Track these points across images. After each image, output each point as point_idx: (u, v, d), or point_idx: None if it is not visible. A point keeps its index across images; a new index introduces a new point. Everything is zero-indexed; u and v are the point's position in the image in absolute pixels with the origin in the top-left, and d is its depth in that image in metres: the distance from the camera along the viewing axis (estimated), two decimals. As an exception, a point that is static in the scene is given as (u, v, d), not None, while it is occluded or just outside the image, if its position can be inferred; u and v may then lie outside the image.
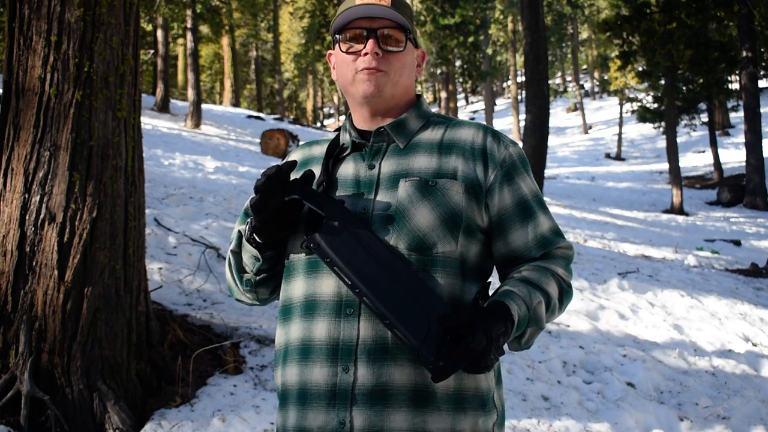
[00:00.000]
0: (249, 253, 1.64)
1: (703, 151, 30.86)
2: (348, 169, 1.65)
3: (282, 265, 1.68)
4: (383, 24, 1.61)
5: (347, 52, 1.63)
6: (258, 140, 20.88)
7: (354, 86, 1.63)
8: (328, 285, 1.54)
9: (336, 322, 1.52)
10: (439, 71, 35.96)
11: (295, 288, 1.60)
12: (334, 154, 1.68)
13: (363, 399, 1.48)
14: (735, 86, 26.23)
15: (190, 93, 23.49)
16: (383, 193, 1.58)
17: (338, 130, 1.74)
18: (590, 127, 42.28)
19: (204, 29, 29.43)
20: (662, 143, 32.35)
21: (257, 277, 1.67)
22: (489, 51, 43.45)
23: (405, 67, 1.65)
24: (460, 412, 1.52)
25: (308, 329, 1.55)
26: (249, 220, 1.63)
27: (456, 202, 1.57)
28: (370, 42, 1.59)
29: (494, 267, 1.71)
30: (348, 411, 1.49)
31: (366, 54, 1.60)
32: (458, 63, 36.51)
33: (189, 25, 23.77)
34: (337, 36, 1.65)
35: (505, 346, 1.49)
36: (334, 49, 1.69)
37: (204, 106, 29.41)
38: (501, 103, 56.22)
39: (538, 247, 1.63)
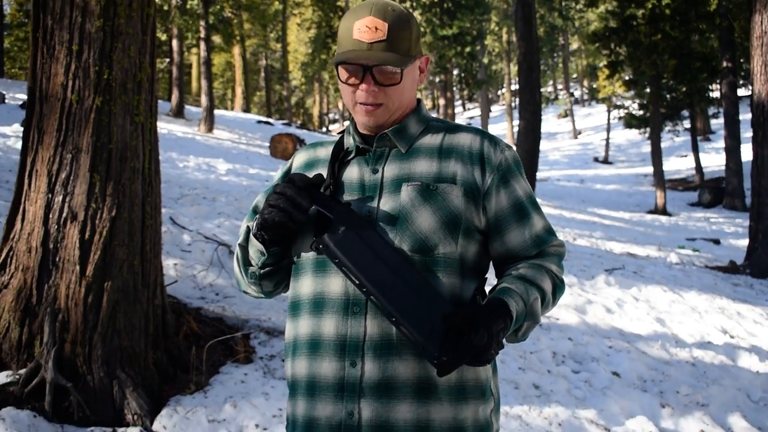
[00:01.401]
0: (255, 247, 1.63)
1: (686, 156, 30.83)
2: (353, 173, 1.63)
3: (286, 260, 1.67)
4: (378, 62, 1.54)
5: (346, 83, 1.60)
6: (267, 144, 20.89)
7: (355, 114, 1.62)
8: (335, 284, 1.54)
9: (344, 319, 1.52)
10: (437, 79, 35.92)
11: (304, 286, 1.60)
12: (339, 157, 1.66)
13: (370, 391, 1.49)
14: (716, 94, 26.21)
15: (204, 99, 23.51)
16: (387, 197, 1.57)
17: (341, 133, 1.73)
18: (580, 133, 42.26)
19: (216, 39, 29.46)
20: (647, 148, 32.29)
21: (261, 271, 1.66)
22: (485, 60, 43.39)
23: (404, 93, 1.61)
24: (462, 402, 1.53)
25: (317, 325, 1.55)
26: (257, 216, 1.61)
27: (456, 205, 1.56)
28: (366, 83, 1.55)
29: (490, 264, 1.71)
30: (356, 403, 1.49)
31: (363, 91, 1.56)
32: (456, 72, 36.49)
33: (202, 35, 23.78)
34: (338, 65, 1.60)
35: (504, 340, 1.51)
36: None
37: (216, 111, 29.39)
38: (496, 109, 56.15)
39: (534, 245, 1.63)
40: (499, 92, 60.75)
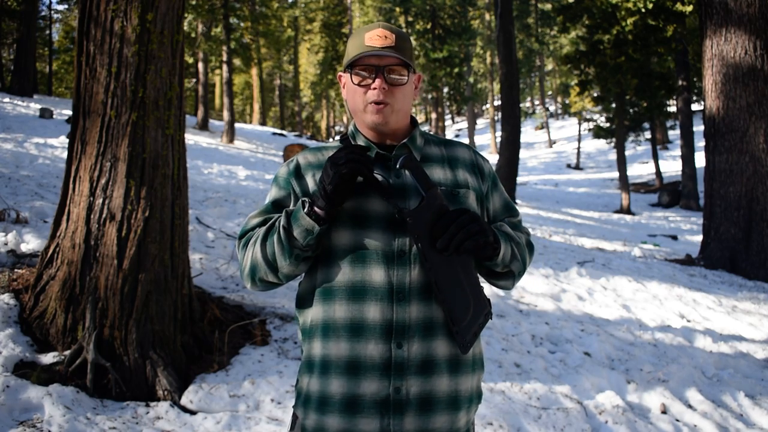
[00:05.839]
0: (303, 227, 1.49)
1: (647, 162, 30.83)
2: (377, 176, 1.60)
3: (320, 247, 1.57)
4: (389, 62, 1.57)
5: (359, 85, 1.59)
6: (281, 153, 20.88)
7: (364, 115, 1.59)
8: (377, 273, 1.50)
9: (389, 305, 1.49)
10: (430, 96, 35.97)
11: (340, 273, 1.53)
12: None
13: (416, 369, 1.49)
14: (673, 109, 26.21)
15: (225, 114, 23.51)
16: (416, 198, 1.56)
17: (343, 140, 1.66)
18: (554, 143, 42.22)
19: (237, 62, 29.45)
20: (613, 155, 32.33)
21: (306, 253, 1.53)
22: (471, 80, 43.35)
23: (406, 97, 1.62)
24: (475, 372, 1.60)
25: (358, 311, 1.50)
26: (312, 197, 1.51)
27: (473, 207, 1.63)
28: (378, 79, 1.56)
29: None
30: (404, 380, 1.48)
31: (375, 88, 1.56)
32: (446, 89, 36.46)
33: (225, 58, 23.80)
34: (350, 69, 1.60)
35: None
36: (345, 75, 1.64)
37: (237, 125, 29.38)
38: (481, 122, 56.10)
39: (511, 227, 1.76)
40: (484, 107, 60.73)
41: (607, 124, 26.67)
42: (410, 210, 1.47)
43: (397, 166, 1.50)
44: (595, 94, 24.86)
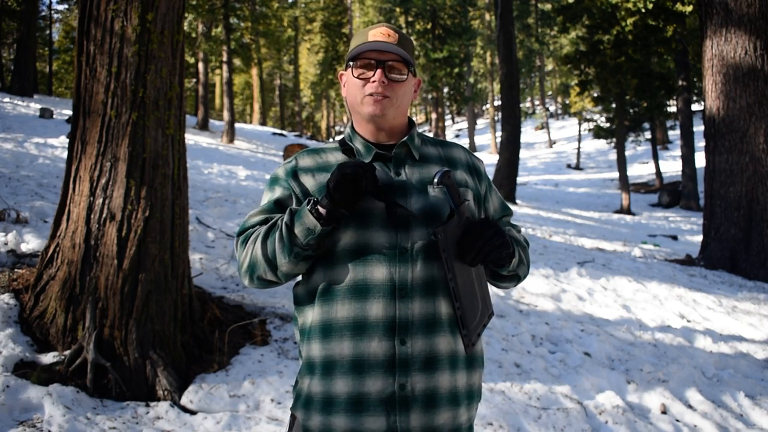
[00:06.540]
0: (305, 225, 1.47)
1: (647, 163, 30.81)
2: (379, 174, 1.59)
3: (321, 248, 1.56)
4: (390, 57, 1.60)
5: (358, 78, 1.61)
6: (281, 153, 20.88)
7: (362, 107, 1.61)
8: (380, 271, 1.51)
9: (391, 302, 1.50)
10: (430, 96, 35.95)
11: (341, 272, 1.52)
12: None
13: (420, 366, 1.50)
14: (673, 109, 26.20)
15: (226, 114, 23.52)
16: (416, 196, 1.58)
17: (341, 144, 1.67)
18: (554, 143, 42.20)
19: (237, 62, 29.45)
20: (613, 156, 32.32)
21: (306, 252, 1.51)
22: (471, 80, 43.35)
23: (405, 95, 1.64)
24: (473, 370, 1.61)
25: (361, 309, 1.50)
26: (319, 198, 1.49)
27: (472, 206, 1.65)
28: (379, 72, 1.58)
29: None
30: (409, 376, 1.49)
31: (374, 81, 1.58)
32: (446, 90, 36.45)
33: (225, 58, 23.81)
34: (351, 63, 1.63)
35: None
36: (346, 72, 1.66)
37: (237, 125, 29.37)
38: (481, 122, 56.05)
39: (507, 225, 1.83)
40: (484, 107, 60.68)
41: (607, 124, 26.64)
42: (442, 226, 1.52)
43: (435, 181, 1.55)
44: (595, 94, 24.84)
